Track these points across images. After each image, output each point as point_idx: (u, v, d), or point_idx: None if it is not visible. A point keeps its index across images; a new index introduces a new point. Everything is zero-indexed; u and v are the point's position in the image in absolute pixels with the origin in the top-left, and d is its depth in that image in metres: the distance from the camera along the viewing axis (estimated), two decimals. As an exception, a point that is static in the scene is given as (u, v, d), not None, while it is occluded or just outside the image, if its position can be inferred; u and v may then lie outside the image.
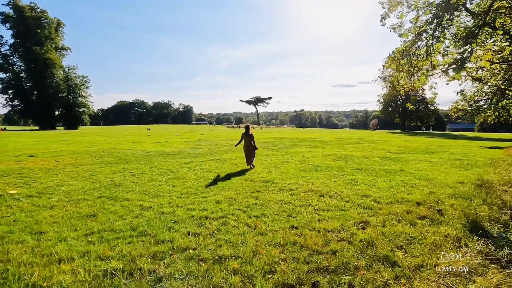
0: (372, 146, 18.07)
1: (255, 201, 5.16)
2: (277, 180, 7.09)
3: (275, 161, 10.77)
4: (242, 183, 6.68)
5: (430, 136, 34.96)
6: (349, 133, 44.99)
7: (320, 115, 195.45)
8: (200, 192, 5.82)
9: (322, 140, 24.03)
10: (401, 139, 27.44)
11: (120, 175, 7.96)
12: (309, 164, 9.99)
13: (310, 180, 7.06)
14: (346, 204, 5.01)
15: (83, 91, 59.79)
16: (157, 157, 12.05)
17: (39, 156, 12.32)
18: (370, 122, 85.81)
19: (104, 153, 13.47)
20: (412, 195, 5.57)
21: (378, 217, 4.34)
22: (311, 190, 5.97)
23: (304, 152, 14.11)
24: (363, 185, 6.54)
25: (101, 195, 5.60)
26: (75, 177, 7.63)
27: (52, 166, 9.80)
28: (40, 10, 52.16)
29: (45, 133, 34.82)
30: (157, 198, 5.42)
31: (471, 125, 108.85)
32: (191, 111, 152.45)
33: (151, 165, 9.97)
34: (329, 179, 7.29)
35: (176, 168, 9.07)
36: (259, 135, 30.64)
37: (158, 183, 6.73)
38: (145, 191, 5.97)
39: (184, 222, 4.10)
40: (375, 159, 11.60)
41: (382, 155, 13.17)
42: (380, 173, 8.15)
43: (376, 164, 10.20)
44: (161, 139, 23.05)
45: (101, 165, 9.88)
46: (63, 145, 18.05)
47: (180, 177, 7.56)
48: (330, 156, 12.46)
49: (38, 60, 50.26)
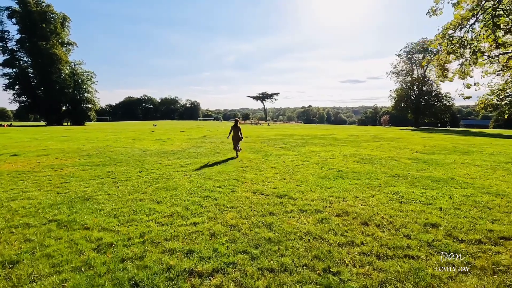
0: (392, 145, 16.16)
1: (269, 234, 3.48)
2: (295, 193, 5.39)
3: (288, 164, 9.07)
4: (250, 199, 5.00)
5: (448, 133, 32.47)
6: (360, 129, 42.71)
7: (328, 111, 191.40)
8: (191, 214, 4.17)
9: (334, 137, 22.16)
10: (419, 136, 25.27)
11: (98, 182, 6.42)
12: (330, 168, 8.25)
13: (339, 194, 5.33)
14: (409, 242, 3.28)
15: (89, 87, 59.01)
16: (153, 158, 10.52)
17: (22, 156, 10.97)
18: (381, 118, 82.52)
19: (96, 152, 12.04)
20: (501, 224, 3.79)
21: (475, 276, 2.61)
22: (346, 213, 4.25)
23: (319, 152, 12.35)
24: (415, 203, 4.78)
25: (53, 218, 4.02)
26: (42, 186, 6.12)
27: (28, 168, 8.37)
28: (46, 5, 51.28)
29: (48, 129, 33.98)
30: (128, 224, 3.81)
31: (483, 121, 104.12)
32: (198, 107, 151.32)
33: (142, 167, 8.42)
34: (363, 191, 5.54)
35: (169, 173, 7.48)
36: (267, 132, 28.90)
37: (140, 197, 5.13)
38: (117, 210, 4.37)
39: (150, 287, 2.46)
40: (405, 162, 9.76)
41: (410, 156, 11.31)
42: (426, 183, 6.34)
43: (411, 168, 8.37)
44: (163, 136, 21.62)
45: (84, 168, 8.40)
46: (58, 142, 16.78)
47: (170, 186, 5.94)
48: (351, 158, 10.67)
49: (44, 55, 49.53)
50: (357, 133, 29.33)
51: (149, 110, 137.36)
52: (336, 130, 35.84)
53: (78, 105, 56.98)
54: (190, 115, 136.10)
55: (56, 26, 51.99)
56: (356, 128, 53.62)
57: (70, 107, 57.26)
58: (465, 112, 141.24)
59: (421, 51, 58.38)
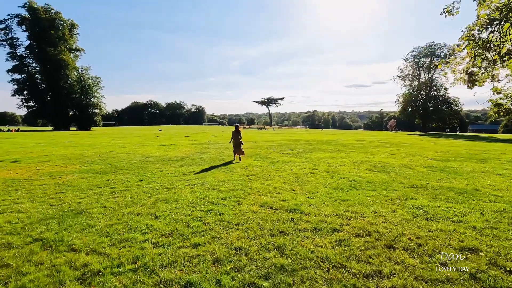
0: (402, 151, 15.54)
1: (281, 260, 2.99)
2: (307, 206, 4.90)
3: (296, 172, 8.59)
4: (258, 214, 4.53)
5: (457, 138, 31.52)
6: (367, 134, 41.93)
7: (333, 116, 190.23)
8: (192, 233, 3.72)
9: (341, 142, 21.59)
10: (428, 141, 24.52)
11: (95, 193, 6.03)
12: (342, 177, 7.74)
13: (356, 208, 4.82)
14: (447, 273, 2.76)
15: (96, 92, 59.58)
16: (155, 165, 10.15)
17: (22, 162, 10.71)
18: (388, 123, 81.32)
19: (98, 159, 11.73)
20: (551, 249, 3.24)
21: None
22: (367, 232, 3.75)
23: (328, 159, 11.83)
24: (443, 220, 4.25)
25: (39, 237, 3.61)
26: (36, 196, 5.76)
27: (26, 176, 8.06)
28: (55, 12, 52.25)
29: (54, 134, 34.13)
30: (120, 245, 3.37)
31: (492, 126, 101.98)
32: (203, 112, 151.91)
33: (143, 175, 8.04)
34: (382, 205, 5.03)
35: (172, 182, 7.07)
36: (272, 137, 28.44)
37: (137, 210, 4.70)
38: (111, 227, 3.95)
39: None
40: (421, 170, 9.19)
41: (424, 164, 10.72)
42: (449, 195, 5.79)
43: (429, 178, 7.80)
44: (168, 141, 21.34)
45: (84, 176, 8.05)
46: (61, 147, 16.60)
47: (171, 198, 5.52)
48: (362, 165, 10.13)
49: (52, 61, 50.28)
50: (364, 138, 28.68)
51: (155, 115, 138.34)
52: (343, 135, 35.20)
53: (85, 110, 57.48)
54: (195, 120, 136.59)
55: (64, 32, 52.84)
56: (362, 133, 52.79)
57: (77, 112, 57.80)
58: (472, 116, 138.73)
59: (428, 55, 57.55)
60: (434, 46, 57.07)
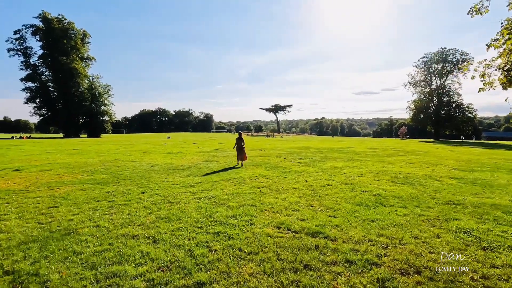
0: (420, 159, 14.59)
1: (311, 311, 2.27)
2: (331, 228, 4.16)
3: (311, 184, 7.84)
4: (274, 238, 3.81)
5: (473, 146, 30.03)
6: (378, 142, 40.68)
7: (341, 123, 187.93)
8: (195, 266, 3.02)
9: (353, 150, 20.68)
10: (444, 149, 23.32)
11: (91, 207, 5.43)
12: (364, 191, 6.94)
13: (390, 231, 4.04)
14: None
15: (106, 100, 60.34)
16: (160, 174, 9.57)
17: (23, 171, 10.31)
18: (399, 130, 79.36)
19: (102, 167, 11.26)
20: None
21: None
22: (415, 268, 2.98)
23: (343, 168, 11.03)
24: (505, 251, 3.42)
25: (10, 269, 2.96)
26: (26, 211, 5.19)
27: (22, 186, 7.58)
28: (67, 22, 53.58)
29: (64, 141, 34.30)
30: (106, 283, 2.70)
31: (506, 133, 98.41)
32: (211, 119, 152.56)
33: (146, 187, 7.44)
34: (420, 227, 4.23)
35: (176, 195, 6.42)
36: (281, 144, 27.69)
37: (134, 232, 4.05)
38: (100, 254, 3.30)
39: None
40: (449, 182, 8.31)
41: (450, 174, 9.81)
42: (497, 215, 4.93)
43: (463, 192, 6.92)
44: (175, 149, 20.88)
45: (83, 187, 7.51)
46: (67, 155, 16.29)
47: (174, 215, 4.85)
48: (383, 176, 9.30)
49: (64, 70, 51.25)
50: (376, 145, 27.63)
51: (163, 122, 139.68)
52: (353, 143, 34.14)
53: (95, 117, 58.15)
54: (203, 127, 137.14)
55: (76, 42, 53.98)
56: (373, 140, 51.44)
57: (87, 119, 58.52)
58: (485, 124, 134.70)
59: (440, 61, 56.22)
60: (446, 52, 55.75)
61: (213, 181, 8.21)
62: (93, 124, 57.97)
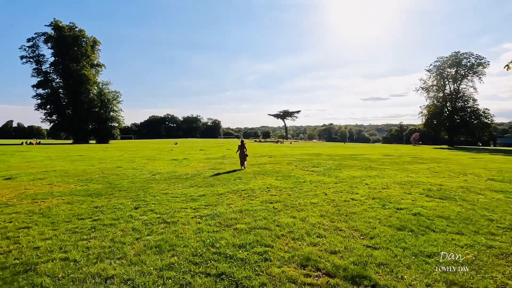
0: (444, 168, 13.22)
1: None
2: (376, 269, 3.03)
3: (333, 198, 6.70)
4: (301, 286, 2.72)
5: (494, 153, 28.04)
6: (390, 148, 38.98)
7: (350, 129, 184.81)
8: None
9: (367, 157, 19.36)
10: (465, 156, 21.69)
11: (68, 229, 4.45)
12: (398, 208, 5.77)
13: (462, 277, 2.87)
14: None
15: (115, 106, 60.65)
16: (161, 184, 8.61)
17: (15, 180, 9.53)
18: (410, 136, 76.79)
19: (99, 176, 10.39)
20: None
21: None
22: None
23: (363, 178, 9.84)
24: None
25: None
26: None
27: (4, 199, 6.73)
28: (78, 30, 54.40)
29: (71, 147, 34.06)
30: None
31: None
32: (219, 125, 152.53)
33: (141, 200, 6.46)
34: (497, 268, 3.06)
35: (174, 212, 5.40)
36: (291, 151, 26.52)
37: (110, 270, 3.02)
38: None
39: None
40: (495, 197, 7.05)
41: (490, 187, 8.55)
42: None
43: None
44: (180, 156, 20.01)
45: (72, 199, 6.59)
46: (68, 162, 15.59)
47: (166, 243, 3.81)
48: (412, 188, 8.07)
49: (75, 77, 51.80)
50: (390, 152, 26.15)
51: (172, 128, 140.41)
52: (366, 149, 32.66)
53: (104, 123, 58.40)
54: (211, 133, 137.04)
55: (87, 49, 54.69)
56: (384, 146, 49.62)
57: (96, 125, 58.82)
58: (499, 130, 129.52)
59: (453, 65, 54.25)
60: (460, 55, 53.75)
61: (218, 194, 7.17)
62: (102, 130, 58.20)
